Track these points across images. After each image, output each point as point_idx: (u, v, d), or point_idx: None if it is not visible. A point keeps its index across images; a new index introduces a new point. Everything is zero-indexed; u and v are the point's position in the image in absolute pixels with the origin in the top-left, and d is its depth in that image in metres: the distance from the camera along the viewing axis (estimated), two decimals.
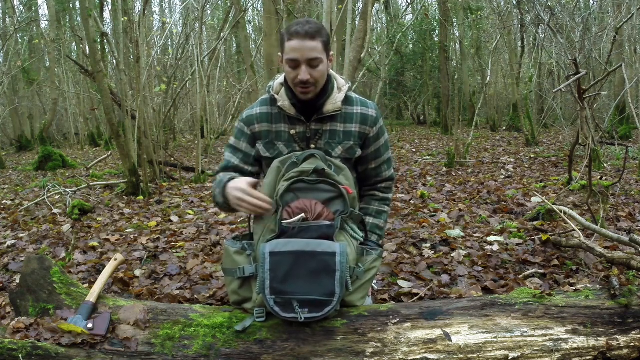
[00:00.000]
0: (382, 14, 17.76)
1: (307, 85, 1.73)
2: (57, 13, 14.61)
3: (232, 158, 1.90)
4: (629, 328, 1.67)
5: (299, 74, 1.71)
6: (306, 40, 1.68)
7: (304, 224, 1.63)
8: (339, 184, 1.69)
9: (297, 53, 1.69)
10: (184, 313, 1.72)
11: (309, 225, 1.63)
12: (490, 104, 15.71)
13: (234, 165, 1.89)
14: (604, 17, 11.53)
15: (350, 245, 1.70)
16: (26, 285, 1.74)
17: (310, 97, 1.77)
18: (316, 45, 1.70)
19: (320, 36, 1.71)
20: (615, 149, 8.38)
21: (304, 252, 1.59)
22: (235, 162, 1.89)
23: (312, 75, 1.71)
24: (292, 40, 1.69)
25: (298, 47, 1.69)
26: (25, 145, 14.88)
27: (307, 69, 1.70)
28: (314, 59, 1.70)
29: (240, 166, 1.89)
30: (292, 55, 1.70)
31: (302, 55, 1.69)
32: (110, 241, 3.75)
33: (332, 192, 1.68)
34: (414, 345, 1.61)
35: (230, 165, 1.89)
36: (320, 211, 1.65)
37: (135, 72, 6.30)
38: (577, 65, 3.75)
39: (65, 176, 8.25)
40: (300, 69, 1.71)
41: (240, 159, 1.89)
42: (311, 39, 1.69)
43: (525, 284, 2.61)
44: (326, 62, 1.75)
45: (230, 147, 1.92)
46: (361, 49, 5.22)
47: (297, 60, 1.70)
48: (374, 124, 1.88)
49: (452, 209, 4.49)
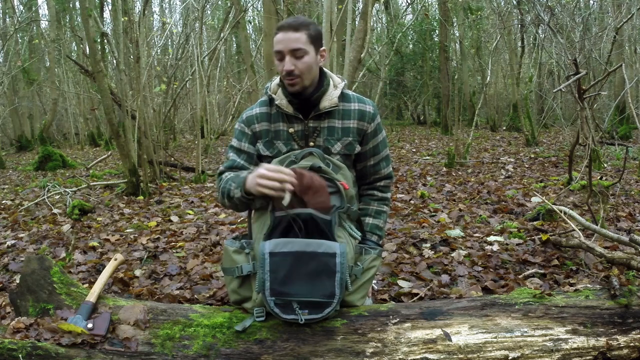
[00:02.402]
0: (382, 14, 17.75)
1: (292, 77, 1.75)
2: (57, 13, 14.61)
3: (237, 158, 1.90)
4: (629, 328, 1.67)
5: (284, 65, 1.75)
6: (289, 32, 1.73)
7: (300, 212, 1.61)
8: (336, 180, 1.70)
9: (280, 44, 1.75)
10: (184, 313, 1.72)
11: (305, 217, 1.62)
12: (490, 104, 15.71)
13: (240, 165, 1.89)
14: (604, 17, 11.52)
15: (349, 244, 1.71)
16: (26, 285, 1.74)
17: (297, 89, 1.79)
18: (299, 36, 1.73)
19: (305, 29, 1.75)
20: (615, 149, 8.38)
21: (304, 253, 1.59)
22: (241, 162, 1.89)
23: (296, 66, 1.74)
24: (278, 34, 1.76)
25: (282, 39, 1.74)
26: (25, 145, 14.88)
27: (290, 59, 1.74)
28: (296, 49, 1.73)
29: (246, 166, 1.90)
30: (277, 47, 1.76)
31: (286, 46, 1.74)
32: (110, 241, 3.75)
33: (330, 188, 1.68)
34: (414, 345, 1.61)
35: (236, 165, 1.89)
36: (317, 184, 1.62)
37: (135, 72, 6.30)
38: (577, 65, 3.75)
39: (65, 176, 8.25)
40: (284, 60, 1.75)
41: (244, 159, 1.90)
42: (294, 31, 1.73)
43: (525, 284, 2.61)
44: (314, 55, 1.77)
45: (233, 148, 1.92)
46: (361, 49, 5.22)
47: (282, 51, 1.75)
48: (372, 119, 1.89)
49: (452, 209, 4.49)
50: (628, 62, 11.04)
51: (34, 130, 15.66)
